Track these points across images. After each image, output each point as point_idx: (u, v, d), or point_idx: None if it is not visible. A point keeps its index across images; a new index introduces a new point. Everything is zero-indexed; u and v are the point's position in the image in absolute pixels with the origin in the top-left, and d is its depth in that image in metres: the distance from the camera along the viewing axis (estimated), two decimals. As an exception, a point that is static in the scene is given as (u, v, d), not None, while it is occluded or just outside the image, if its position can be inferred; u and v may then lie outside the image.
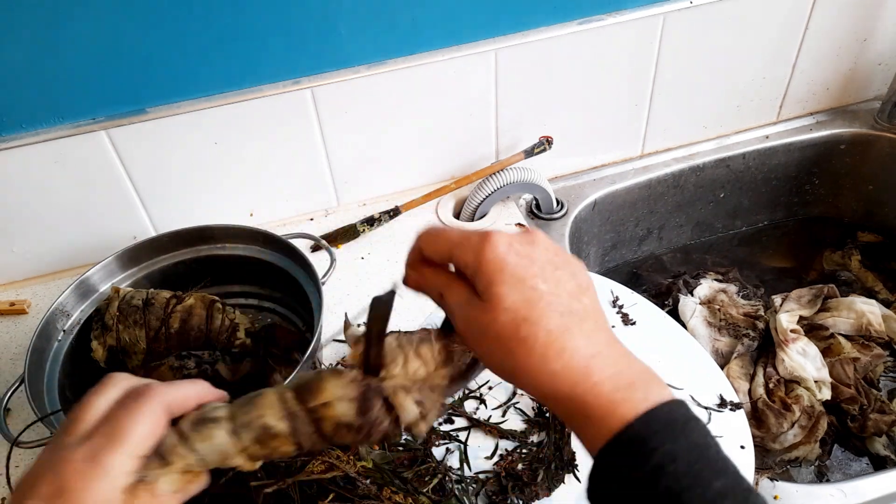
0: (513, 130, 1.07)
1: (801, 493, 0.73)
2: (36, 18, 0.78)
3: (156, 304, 0.79)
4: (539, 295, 0.39)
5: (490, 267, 0.39)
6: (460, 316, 0.42)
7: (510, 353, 0.39)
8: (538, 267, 0.40)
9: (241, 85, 0.91)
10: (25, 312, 0.96)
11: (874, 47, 1.18)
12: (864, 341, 1.03)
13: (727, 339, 1.04)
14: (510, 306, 0.39)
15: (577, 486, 0.68)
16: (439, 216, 1.06)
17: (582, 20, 0.99)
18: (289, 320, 0.90)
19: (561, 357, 0.38)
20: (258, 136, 0.95)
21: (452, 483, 0.67)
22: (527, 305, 0.39)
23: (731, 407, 0.75)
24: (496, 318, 0.39)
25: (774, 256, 1.29)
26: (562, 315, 0.39)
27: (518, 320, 0.39)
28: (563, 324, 0.39)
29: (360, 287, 0.95)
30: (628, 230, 1.23)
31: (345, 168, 1.04)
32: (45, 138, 0.86)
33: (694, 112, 1.16)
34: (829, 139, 1.23)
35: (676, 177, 1.19)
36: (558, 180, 1.15)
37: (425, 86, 0.98)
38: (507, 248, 0.40)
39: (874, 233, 1.27)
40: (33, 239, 0.96)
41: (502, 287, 0.39)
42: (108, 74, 0.85)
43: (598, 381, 0.38)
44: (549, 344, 0.38)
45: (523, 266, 0.40)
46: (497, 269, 0.39)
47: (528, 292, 0.39)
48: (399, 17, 0.91)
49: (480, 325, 0.40)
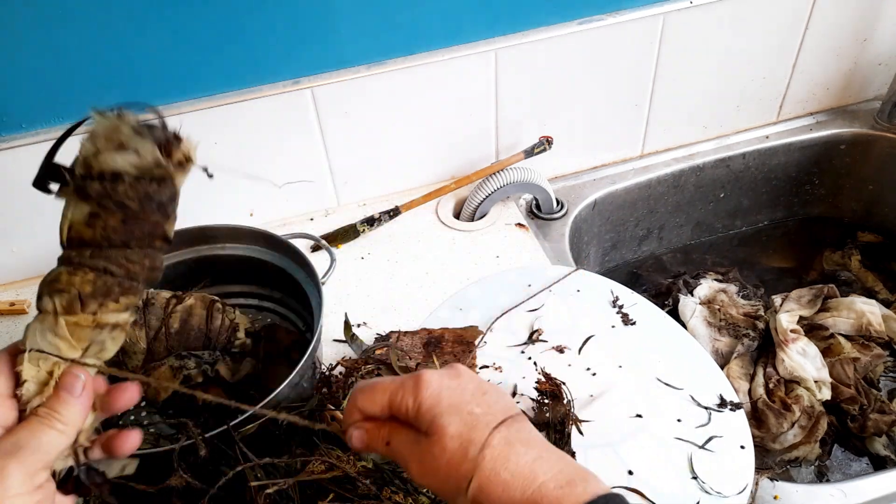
0: (513, 130, 1.07)
1: (801, 493, 0.73)
2: (36, 18, 0.78)
3: (156, 304, 0.79)
4: (476, 418, 0.44)
5: (429, 403, 0.44)
6: (411, 455, 0.46)
7: (463, 474, 0.43)
8: (469, 394, 0.45)
9: (241, 85, 0.91)
10: (25, 312, 0.96)
11: (874, 47, 1.18)
12: (864, 341, 1.03)
13: (727, 339, 1.04)
14: (454, 433, 0.43)
15: (577, 486, 0.68)
16: (439, 216, 1.06)
17: (582, 20, 0.99)
18: (289, 320, 0.90)
19: (507, 467, 0.42)
20: (258, 136, 0.95)
21: (452, 483, 0.67)
22: (468, 429, 0.43)
23: (731, 407, 0.75)
24: (445, 447, 0.43)
25: (774, 256, 1.29)
26: (499, 431, 0.44)
27: (465, 443, 0.43)
28: (503, 438, 0.43)
29: (360, 287, 0.95)
30: (628, 230, 1.23)
31: (345, 168, 1.04)
32: (45, 138, 0.86)
33: (694, 112, 1.16)
34: (829, 139, 1.23)
35: (676, 177, 1.19)
36: (558, 180, 1.15)
37: (425, 86, 0.98)
38: (439, 385, 0.45)
39: (874, 233, 1.27)
40: (33, 239, 0.96)
41: (443, 418, 0.44)
42: (108, 74, 0.85)
43: (543, 481, 0.42)
44: (495, 458, 0.42)
45: (457, 396, 0.45)
46: (435, 404, 0.44)
47: (466, 417, 0.44)
48: (399, 17, 0.91)
49: (431, 457, 0.44)
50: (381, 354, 0.79)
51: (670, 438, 0.72)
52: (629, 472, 0.69)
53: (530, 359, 0.81)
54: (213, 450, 0.63)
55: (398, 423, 0.47)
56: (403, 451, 0.46)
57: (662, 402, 0.74)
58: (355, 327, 0.86)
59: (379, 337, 0.85)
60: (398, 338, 0.83)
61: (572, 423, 0.73)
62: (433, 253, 1.00)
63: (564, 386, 0.74)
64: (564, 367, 0.80)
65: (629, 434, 0.72)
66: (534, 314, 0.87)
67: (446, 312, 0.88)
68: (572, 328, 0.85)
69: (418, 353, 0.80)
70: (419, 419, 0.45)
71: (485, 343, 0.83)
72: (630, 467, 0.69)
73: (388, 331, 0.86)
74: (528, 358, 0.82)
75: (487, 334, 0.84)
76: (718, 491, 0.67)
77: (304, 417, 0.52)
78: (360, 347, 0.83)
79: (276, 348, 0.82)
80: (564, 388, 0.73)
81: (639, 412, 0.74)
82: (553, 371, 0.76)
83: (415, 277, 0.95)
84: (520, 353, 0.82)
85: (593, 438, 0.72)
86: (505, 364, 0.81)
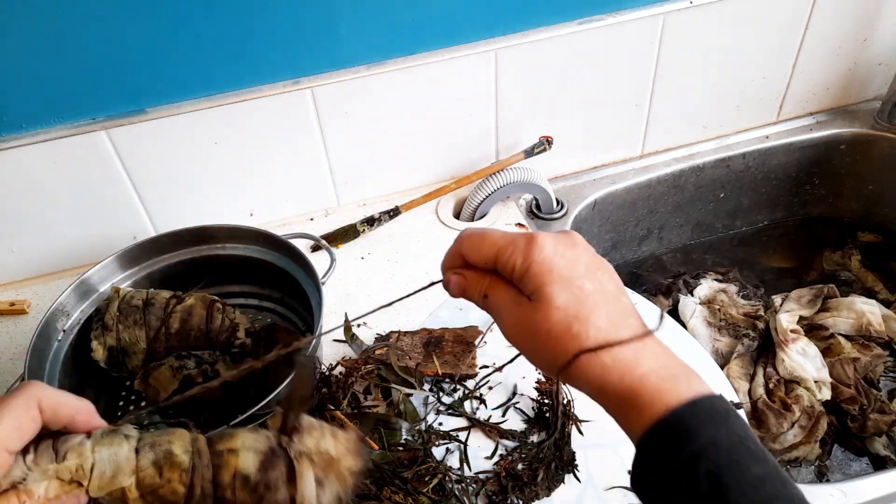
0: (513, 130, 1.07)
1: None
2: (36, 19, 0.78)
3: (156, 304, 0.79)
4: (586, 294, 0.42)
5: (539, 268, 0.42)
6: (508, 315, 0.44)
7: (562, 349, 0.41)
8: (582, 267, 0.42)
9: (241, 85, 0.91)
10: (25, 312, 0.96)
11: (874, 47, 1.18)
12: (864, 341, 1.03)
13: (727, 339, 1.04)
14: (561, 305, 0.41)
15: (577, 486, 0.68)
16: (439, 216, 1.06)
17: (582, 20, 0.99)
18: (289, 320, 0.90)
19: (610, 350, 0.40)
20: (258, 136, 0.95)
21: (452, 483, 0.67)
22: (576, 304, 0.41)
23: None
24: (548, 316, 0.41)
25: (774, 256, 1.29)
26: (608, 313, 0.42)
27: (570, 318, 0.41)
28: (611, 321, 0.41)
29: (360, 287, 0.95)
30: (628, 230, 1.23)
31: (345, 168, 1.04)
32: (45, 138, 0.86)
33: (694, 112, 1.16)
34: (829, 139, 1.23)
35: (676, 177, 1.19)
36: (558, 180, 1.15)
37: (425, 86, 0.98)
38: (553, 251, 0.42)
39: (874, 233, 1.27)
40: (33, 239, 0.96)
41: (552, 287, 0.41)
42: (108, 74, 0.85)
43: (645, 371, 0.40)
44: (599, 339, 0.40)
45: (569, 267, 0.42)
46: (546, 271, 0.42)
47: (576, 291, 0.41)
48: (399, 17, 0.91)
49: (531, 323, 0.42)
50: (381, 354, 0.79)
51: (670, 438, 0.72)
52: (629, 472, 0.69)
53: (530, 359, 0.81)
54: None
55: (499, 277, 0.45)
56: (501, 308, 0.44)
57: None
58: (355, 327, 0.86)
59: (379, 337, 0.85)
60: (398, 338, 0.83)
61: (572, 423, 0.73)
62: (433, 253, 1.00)
63: (564, 386, 0.73)
64: (564, 367, 0.80)
65: (629, 434, 0.72)
66: (534, 314, 0.87)
67: (446, 312, 0.88)
68: (572, 328, 0.84)
69: (418, 353, 0.80)
70: (525, 281, 0.42)
71: (485, 343, 0.83)
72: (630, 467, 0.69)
73: (388, 331, 0.86)
74: (528, 358, 0.82)
75: (487, 334, 0.84)
76: (718, 491, 0.67)
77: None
78: (360, 347, 0.83)
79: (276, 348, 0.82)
80: (564, 388, 0.73)
81: (639, 412, 0.74)
82: (553, 371, 0.76)
83: (415, 277, 0.95)
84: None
85: (593, 438, 0.72)
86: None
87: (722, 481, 0.36)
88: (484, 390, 0.78)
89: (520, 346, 0.45)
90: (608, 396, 0.41)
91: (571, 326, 0.41)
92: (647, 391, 0.39)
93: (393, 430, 0.71)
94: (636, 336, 0.41)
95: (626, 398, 0.40)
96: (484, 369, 0.80)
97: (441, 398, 0.77)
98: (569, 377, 0.42)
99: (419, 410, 0.75)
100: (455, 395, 0.78)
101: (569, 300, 0.41)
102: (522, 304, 0.43)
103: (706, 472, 0.36)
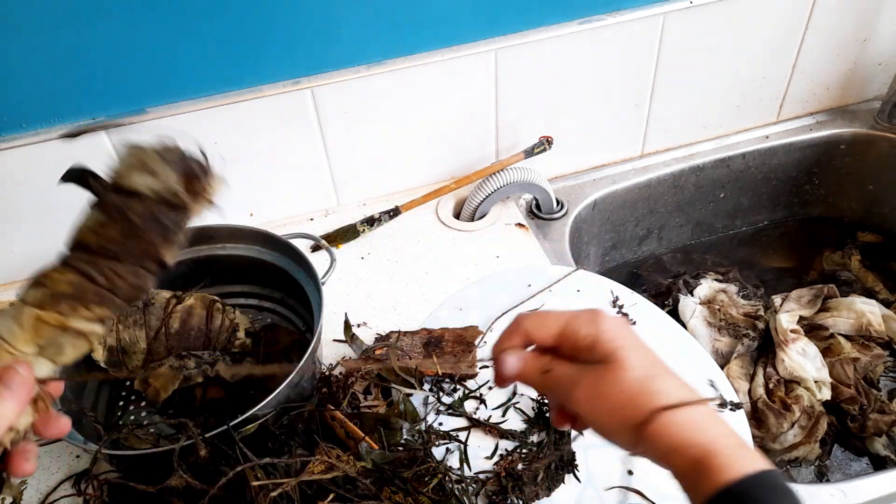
0: (513, 130, 1.07)
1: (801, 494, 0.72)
2: (36, 19, 0.78)
3: (156, 304, 0.79)
4: (654, 359, 0.46)
5: (610, 335, 0.45)
6: (579, 383, 0.46)
7: (639, 405, 0.43)
8: (640, 341, 0.47)
9: (241, 85, 0.91)
10: (25, 312, 0.95)
11: (874, 47, 1.18)
12: (864, 341, 1.03)
13: (727, 340, 1.04)
14: (636, 366, 0.44)
15: (577, 486, 0.68)
16: (439, 216, 1.06)
17: (582, 20, 0.99)
18: (289, 320, 0.90)
19: (686, 410, 0.43)
20: (258, 136, 0.95)
21: (452, 483, 0.67)
22: (650, 366, 0.45)
23: (731, 407, 0.75)
24: (625, 376, 0.44)
25: (774, 256, 1.29)
26: (673, 377, 0.45)
27: (646, 378, 0.44)
28: (678, 383, 0.45)
29: (360, 287, 0.95)
30: (628, 230, 1.23)
31: (345, 168, 1.04)
32: (45, 138, 0.86)
33: (694, 112, 1.16)
34: (829, 139, 1.23)
35: (676, 177, 1.19)
36: (558, 180, 1.15)
37: (425, 86, 0.98)
38: (618, 323, 0.46)
39: (874, 233, 1.27)
40: (33, 239, 0.96)
41: (626, 351, 0.45)
42: (108, 74, 0.85)
43: (716, 434, 0.42)
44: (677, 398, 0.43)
45: (632, 337, 0.46)
46: (617, 337, 0.45)
47: (647, 355, 0.46)
48: (399, 17, 0.91)
49: (605, 386, 0.45)
50: (381, 354, 0.79)
51: (670, 438, 0.72)
52: (629, 472, 0.69)
53: (530, 359, 0.81)
54: (213, 450, 0.63)
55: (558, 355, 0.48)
56: (567, 379, 0.46)
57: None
58: (355, 327, 0.86)
59: (379, 337, 0.85)
60: (398, 338, 0.83)
61: (572, 423, 0.73)
62: (433, 253, 1.00)
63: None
64: (564, 367, 0.80)
65: (629, 434, 0.72)
66: (534, 314, 0.87)
67: (446, 312, 0.88)
68: (572, 328, 0.84)
69: (418, 353, 0.80)
70: (595, 349, 0.45)
71: (485, 343, 0.83)
72: (630, 467, 0.69)
73: (388, 331, 0.86)
74: (528, 358, 0.82)
75: (487, 334, 0.84)
76: (718, 491, 0.67)
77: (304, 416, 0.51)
78: (360, 347, 0.83)
79: (276, 348, 0.82)
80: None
81: (639, 412, 0.74)
82: (553, 371, 0.76)
83: (415, 277, 0.95)
84: (520, 353, 0.82)
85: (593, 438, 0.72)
86: (505, 364, 0.81)
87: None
88: (484, 390, 0.78)
89: (593, 412, 0.46)
90: (679, 457, 0.42)
91: (649, 386, 0.43)
92: (719, 455, 0.41)
93: (393, 430, 0.71)
94: (703, 399, 0.44)
95: (698, 459, 0.41)
96: (484, 369, 0.80)
97: (441, 398, 0.77)
98: (643, 437, 0.43)
99: (419, 410, 0.75)
100: (455, 395, 0.78)
101: (643, 362, 0.44)
102: (592, 370, 0.45)
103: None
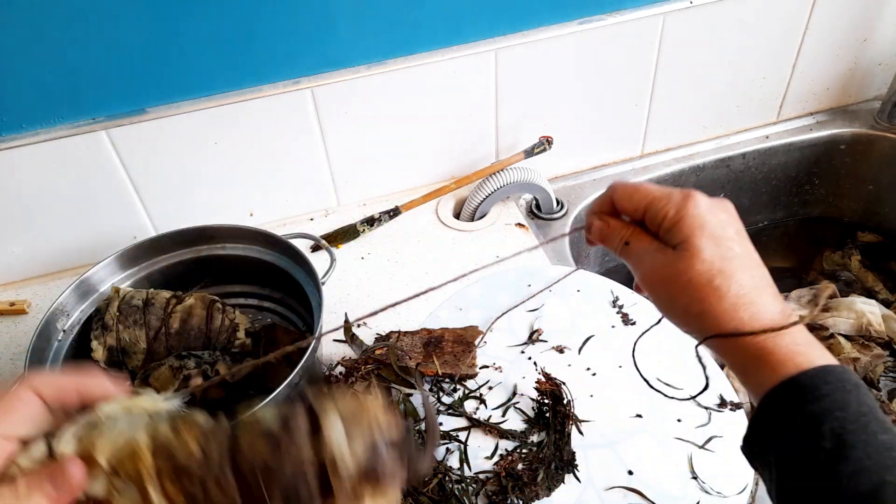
0: (513, 130, 1.07)
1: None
2: (36, 19, 0.78)
3: (156, 304, 0.79)
4: (733, 254, 0.44)
5: (692, 221, 0.44)
6: (650, 261, 0.46)
7: (700, 299, 0.43)
8: (733, 231, 0.45)
9: (241, 85, 0.91)
10: (25, 312, 0.96)
11: (874, 47, 1.18)
12: (864, 341, 1.03)
13: (727, 339, 1.04)
14: (707, 258, 0.43)
15: (577, 486, 0.68)
16: (439, 216, 1.06)
17: (582, 20, 0.99)
18: (289, 320, 0.90)
19: (749, 309, 0.42)
20: (258, 136, 0.95)
21: (452, 483, 0.67)
22: (722, 261, 0.43)
23: (731, 407, 0.75)
24: (692, 266, 0.43)
25: (774, 256, 1.29)
26: (752, 276, 0.44)
27: (714, 271, 0.43)
28: (753, 283, 0.43)
29: (360, 287, 0.95)
30: (628, 230, 1.22)
31: (345, 168, 1.04)
32: (45, 138, 0.86)
33: (694, 112, 1.16)
34: (829, 139, 1.23)
35: (676, 177, 1.19)
36: (558, 180, 1.15)
37: (425, 86, 0.98)
38: (708, 209, 0.45)
39: (874, 233, 1.27)
40: (33, 239, 0.96)
41: (702, 240, 0.44)
42: (108, 74, 0.85)
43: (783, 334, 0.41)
44: (740, 296, 0.43)
45: (721, 227, 0.44)
46: (698, 225, 0.44)
47: (723, 250, 0.44)
48: (399, 16, 0.91)
49: (671, 271, 0.44)
50: (381, 354, 0.79)
51: (670, 438, 0.72)
52: (629, 472, 0.69)
53: (530, 359, 0.81)
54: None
55: (642, 228, 0.47)
56: (642, 254, 0.46)
57: (662, 402, 0.74)
58: (355, 327, 0.86)
59: (379, 337, 0.85)
60: (398, 338, 0.83)
61: (572, 423, 0.73)
62: (433, 253, 1.00)
63: (564, 386, 0.74)
64: (564, 367, 0.80)
65: (629, 434, 0.72)
66: (534, 314, 0.87)
67: (446, 312, 0.88)
68: (572, 328, 0.85)
69: (418, 353, 0.80)
70: (674, 232, 0.44)
71: (485, 343, 0.83)
72: (630, 467, 0.69)
73: (388, 331, 0.86)
74: (528, 358, 0.82)
75: (487, 334, 0.84)
76: (718, 491, 0.67)
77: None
78: (360, 347, 0.83)
79: (276, 348, 0.82)
80: (564, 388, 0.73)
81: (639, 412, 0.74)
82: (553, 371, 0.76)
83: (415, 277, 0.95)
84: (520, 353, 0.82)
85: (593, 438, 0.72)
86: (505, 364, 0.81)
87: (846, 440, 0.37)
88: (484, 390, 0.78)
89: (655, 294, 0.46)
90: (737, 351, 0.42)
91: (714, 279, 0.43)
92: (779, 351, 0.41)
93: (393, 430, 0.71)
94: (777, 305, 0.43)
95: (757, 355, 0.41)
96: (484, 369, 0.80)
97: (441, 398, 0.77)
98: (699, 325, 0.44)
99: (419, 410, 0.75)
100: (455, 395, 0.78)
101: (715, 255, 0.43)
102: (666, 252, 0.45)
103: (830, 430, 0.37)
